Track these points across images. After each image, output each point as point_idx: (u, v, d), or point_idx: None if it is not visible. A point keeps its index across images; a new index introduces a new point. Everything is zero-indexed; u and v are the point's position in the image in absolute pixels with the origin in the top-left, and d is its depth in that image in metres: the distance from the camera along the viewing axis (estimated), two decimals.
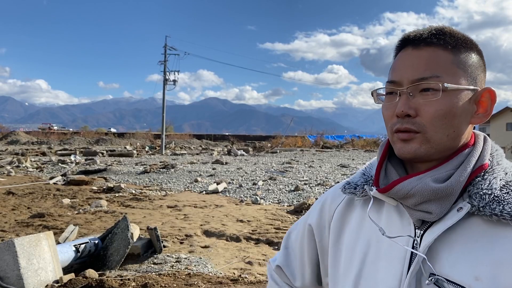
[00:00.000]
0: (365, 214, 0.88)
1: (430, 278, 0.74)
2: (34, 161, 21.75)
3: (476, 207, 0.73)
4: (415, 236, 0.78)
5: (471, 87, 0.78)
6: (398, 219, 0.82)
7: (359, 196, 0.90)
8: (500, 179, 0.76)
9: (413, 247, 0.77)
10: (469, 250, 0.73)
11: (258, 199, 10.30)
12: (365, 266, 0.84)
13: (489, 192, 0.73)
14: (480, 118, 0.81)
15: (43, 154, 28.86)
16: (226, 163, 20.51)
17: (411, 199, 0.77)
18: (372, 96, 0.87)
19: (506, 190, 0.74)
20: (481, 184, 0.75)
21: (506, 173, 0.78)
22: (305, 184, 12.73)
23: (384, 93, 0.84)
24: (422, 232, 0.77)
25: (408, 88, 0.78)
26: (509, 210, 0.71)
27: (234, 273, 5.08)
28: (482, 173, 0.77)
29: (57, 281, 4.29)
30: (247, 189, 12.05)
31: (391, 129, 0.81)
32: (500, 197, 0.73)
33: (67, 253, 4.83)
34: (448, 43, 0.78)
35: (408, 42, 0.81)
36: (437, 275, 0.73)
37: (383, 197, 0.81)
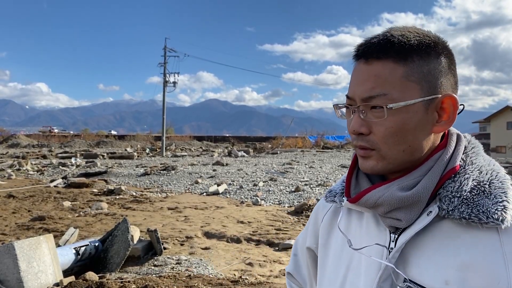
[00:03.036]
0: (350, 221, 0.89)
1: (402, 284, 0.73)
2: (34, 164, 21.75)
3: (446, 210, 0.72)
4: (389, 246, 0.77)
5: (426, 98, 0.74)
6: (375, 226, 0.82)
7: (339, 204, 0.89)
8: (473, 180, 0.74)
9: (390, 253, 0.77)
10: (439, 254, 0.72)
11: (259, 200, 10.28)
12: (349, 274, 0.84)
13: (458, 195, 0.72)
14: (443, 126, 0.77)
15: (44, 157, 28.88)
16: (227, 164, 20.50)
17: (380, 208, 0.76)
18: (334, 109, 0.85)
19: (477, 191, 0.72)
20: (451, 187, 0.73)
21: (481, 172, 0.76)
22: (305, 184, 12.72)
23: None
24: (397, 236, 0.77)
25: (360, 106, 0.76)
26: (477, 213, 0.69)
27: (234, 275, 5.06)
28: (453, 175, 0.75)
29: (57, 284, 4.28)
30: (248, 190, 12.04)
31: (352, 143, 0.81)
32: (469, 199, 0.71)
33: (67, 256, 4.82)
34: (398, 54, 0.74)
35: (359, 55, 0.78)
36: (409, 280, 0.73)
37: (353, 207, 0.81)
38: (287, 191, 11.70)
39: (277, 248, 6.30)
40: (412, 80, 0.74)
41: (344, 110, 0.83)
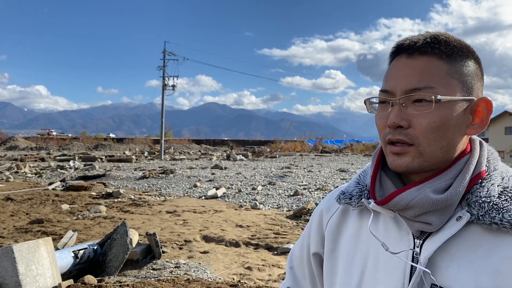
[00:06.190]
0: (362, 224, 0.87)
1: None
2: (33, 166, 21.72)
3: (476, 215, 0.72)
4: (414, 248, 0.76)
5: (467, 97, 0.76)
6: (396, 229, 0.81)
7: (355, 207, 0.88)
8: (498, 185, 0.75)
9: (413, 258, 0.76)
10: (470, 259, 0.71)
11: (258, 204, 10.28)
12: (364, 279, 0.82)
13: (488, 200, 0.72)
14: (476, 129, 0.78)
15: (42, 159, 28.83)
16: (225, 168, 20.50)
17: (411, 210, 0.75)
18: (365, 104, 0.85)
19: (505, 197, 0.73)
20: (480, 192, 0.73)
21: (503, 178, 0.76)
22: (304, 188, 12.72)
23: (377, 101, 0.82)
24: (421, 242, 0.76)
25: (401, 98, 0.76)
26: (509, 218, 0.69)
27: (233, 279, 5.06)
28: (480, 181, 0.75)
29: (56, 287, 4.27)
30: (246, 194, 12.03)
31: (384, 139, 0.80)
32: (499, 204, 0.72)
33: (66, 259, 4.81)
34: (443, 52, 0.76)
35: (402, 50, 0.79)
36: (439, 287, 0.72)
37: (381, 210, 0.80)
38: (285, 195, 11.69)
39: (276, 252, 6.29)
40: (455, 77, 0.76)
41: (376, 105, 0.83)
